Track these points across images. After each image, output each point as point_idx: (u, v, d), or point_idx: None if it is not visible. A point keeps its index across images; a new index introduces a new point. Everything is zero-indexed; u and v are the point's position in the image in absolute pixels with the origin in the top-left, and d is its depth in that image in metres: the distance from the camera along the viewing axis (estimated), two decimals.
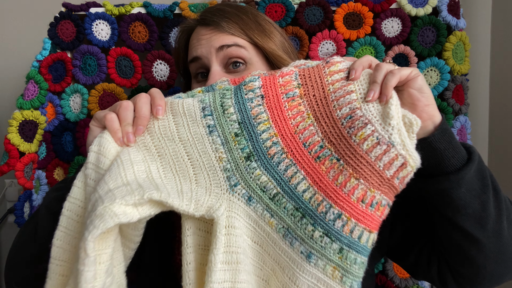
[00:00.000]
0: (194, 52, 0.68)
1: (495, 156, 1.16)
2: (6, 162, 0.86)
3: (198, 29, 0.70)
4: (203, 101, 0.51)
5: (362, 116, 0.48)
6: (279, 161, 0.49)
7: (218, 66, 0.66)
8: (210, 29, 0.68)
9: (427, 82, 0.99)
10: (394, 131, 0.46)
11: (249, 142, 0.49)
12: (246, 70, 0.66)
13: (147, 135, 0.51)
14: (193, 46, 0.69)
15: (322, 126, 0.49)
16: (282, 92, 0.50)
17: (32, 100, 0.92)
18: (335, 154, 0.48)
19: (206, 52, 0.66)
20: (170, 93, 1.01)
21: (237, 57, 0.66)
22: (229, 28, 0.67)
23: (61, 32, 0.99)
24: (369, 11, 0.98)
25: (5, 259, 1.20)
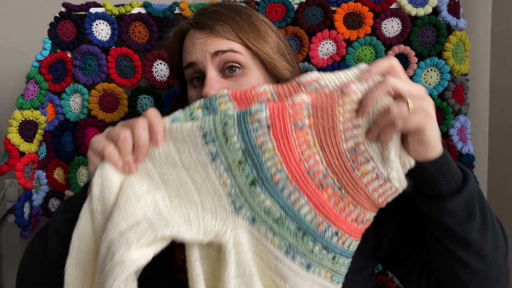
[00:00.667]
0: (189, 58, 0.67)
1: (495, 156, 1.16)
2: (6, 162, 0.86)
3: (192, 33, 0.69)
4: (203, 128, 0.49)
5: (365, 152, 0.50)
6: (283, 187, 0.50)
7: (214, 71, 0.65)
8: (205, 33, 0.66)
9: (427, 83, 1.00)
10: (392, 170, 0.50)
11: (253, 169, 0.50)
12: (242, 74, 0.66)
13: (149, 161, 0.51)
14: (188, 51, 0.68)
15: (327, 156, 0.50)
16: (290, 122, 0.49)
17: (32, 100, 0.92)
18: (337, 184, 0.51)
19: (201, 57, 0.65)
20: (170, 93, 1.01)
21: (233, 62, 0.65)
22: (224, 32, 0.65)
23: (61, 32, 0.99)
24: (369, 11, 0.98)
25: (5, 259, 1.21)
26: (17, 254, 1.22)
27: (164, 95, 1.02)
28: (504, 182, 1.13)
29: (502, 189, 1.13)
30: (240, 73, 0.65)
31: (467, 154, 0.99)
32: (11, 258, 1.22)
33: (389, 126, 0.47)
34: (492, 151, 1.17)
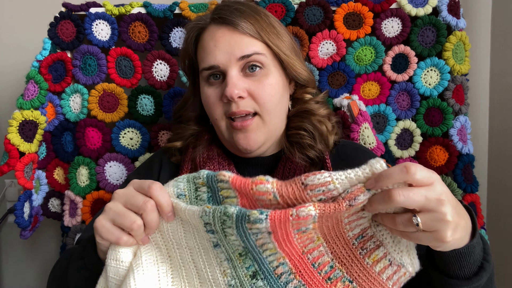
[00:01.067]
0: (211, 59, 0.66)
1: (495, 156, 1.16)
2: (6, 162, 0.86)
3: (213, 29, 0.68)
4: (203, 218, 0.47)
5: (373, 237, 0.47)
6: (287, 281, 0.48)
7: (236, 71, 0.65)
8: (228, 30, 0.66)
9: (427, 82, 0.99)
10: (403, 253, 0.47)
11: (255, 262, 0.48)
12: (263, 74, 0.66)
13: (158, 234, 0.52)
14: (210, 51, 0.66)
15: (332, 247, 0.48)
16: (293, 229, 0.45)
17: (32, 100, 0.92)
18: (347, 276, 0.48)
19: (225, 60, 0.65)
20: (170, 93, 1.01)
21: (255, 62, 0.66)
22: (248, 29, 0.65)
23: (61, 32, 0.99)
24: (369, 11, 0.98)
25: (5, 259, 1.21)
26: (17, 254, 1.22)
27: (164, 95, 1.02)
28: (504, 182, 1.13)
29: (502, 189, 1.13)
30: (261, 72, 0.66)
31: (467, 154, 0.99)
32: (11, 258, 1.22)
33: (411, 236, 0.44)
34: (492, 151, 1.17)
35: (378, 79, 1.01)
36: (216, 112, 0.67)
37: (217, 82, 0.67)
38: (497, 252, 1.13)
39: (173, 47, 1.01)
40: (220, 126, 0.68)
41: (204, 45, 0.68)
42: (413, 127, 1.01)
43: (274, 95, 0.67)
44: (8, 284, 1.23)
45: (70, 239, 0.99)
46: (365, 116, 0.95)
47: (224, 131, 0.68)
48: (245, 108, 0.65)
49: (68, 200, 1.01)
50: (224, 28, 0.66)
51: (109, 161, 1.00)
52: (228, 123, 0.67)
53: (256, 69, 0.66)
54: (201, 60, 0.68)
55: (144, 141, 1.02)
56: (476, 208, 1.00)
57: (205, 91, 0.68)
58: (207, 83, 0.68)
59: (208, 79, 0.68)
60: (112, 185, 1.00)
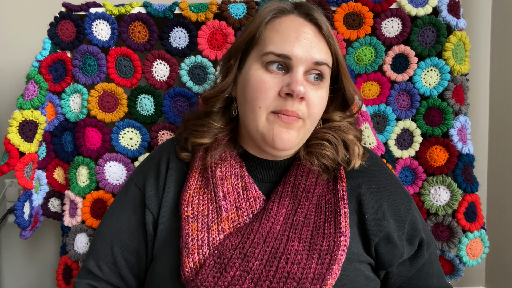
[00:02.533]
0: (288, 49, 0.62)
1: (495, 156, 1.16)
2: (6, 162, 0.86)
3: (297, 19, 0.65)
4: None
5: None
6: None
7: (302, 72, 0.63)
8: (311, 29, 0.65)
9: (427, 83, 1.00)
10: None
11: None
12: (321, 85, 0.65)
13: None
14: (289, 40, 0.63)
15: None
16: None
17: (32, 100, 0.92)
18: None
19: (302, 57, 0.62)
20: (170, 93, 1.01)
21: (321, 72, 0.65)
22: (328, 36, 0.65)
23: (61, 32, 0.99)
24: (369, 11, 0.98)
25: (5, 259, 1.21)
26: (17, 254, 1.22)
27: (164, 95, 1.02)
28: (504, 182, 1.13)
29: (502, 189, 1.13)
30: (320, 84, 0.65)
31: (467, 154, 0.99)
32: (11, 258, 1.22)
33: None
34: (492, 151, 1.17)
35: (378, 79, 1.01)
36: (266, 101, 0.63)
37: (278, 72, 0.63)
38: (497, 252, 1.13)
39: (173, 47, 1.01)
40: (259, 115, 0.63)
41: (282, 30, 0.64)
42: (413, 127, 1.01)
43: (321, 108, 0.66)
44: (8, 284, 1.23)
45: (70, 239, 0.99)
46: (365, 116, 0.95)
47: (262, 122, 0.63)
48: (298, 112, 0.63)
49: (68, 200, 1.01)
50: (310, 25, 0.65)
51: (108, 161, 1.00)
52: (270, 115, 0.63)
53: (317, 79, 0.65)
54: (271, 42, 0.64)
55: (143, 141, 1.02)
56: (476, 208, 1.00)
57: (260, 75, 0.63)
58: (264, 69, 0.64)
59: (267, 65, 0.64)
60: (112, 185, 1.00)
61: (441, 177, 0.98)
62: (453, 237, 0.98)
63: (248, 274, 0.58)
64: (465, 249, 0.98)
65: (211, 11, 0.99)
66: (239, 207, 0.66)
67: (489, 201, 1.17)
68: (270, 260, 0.60)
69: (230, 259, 0.60)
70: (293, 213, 0.65)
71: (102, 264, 0.72)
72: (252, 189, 0.68)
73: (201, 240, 0.63)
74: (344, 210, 0.65)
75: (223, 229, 0.64)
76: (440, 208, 0.98)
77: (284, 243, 0.62)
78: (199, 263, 0.61)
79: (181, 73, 1.01)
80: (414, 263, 0.71)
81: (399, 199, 0.70)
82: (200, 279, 0.59)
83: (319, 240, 0.62)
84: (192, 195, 0.67)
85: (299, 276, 0.59)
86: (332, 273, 0.59)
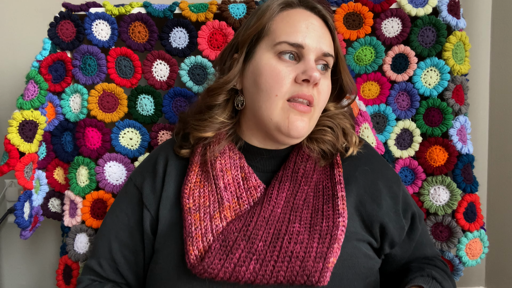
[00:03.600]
0: (300, 38, 0.66)
1: (495, 156, 1.16)
2: (6, 162, 0.86)
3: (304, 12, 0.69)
4: None
5: None
6: None
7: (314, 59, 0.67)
8: (318, 21, 0.69)
9: (427, 83, 1.00)
10: None
11: None
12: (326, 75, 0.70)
13: None
14: (300, 31, 0.66)
15: None
16: None
17: (32, 100, 0.92)
18: None
19: (313, 47, 0.66)
20: (170, 93, 1.01)
21: (327, 63, 0.70)
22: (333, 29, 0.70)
23: (61, 32, 0.99)
24: (369, 11, 0.98)
25: (5, 259, 1.21)
26: (17, 254, 1.22)
27: (164, 95, 1.02)
28: (504, 182, 1.13)
29: (502, 189, 1.13)
30: (325, 74, 0.70)
31: (466, 154, 0.99)
32: (11, 258, 1.22)
33: None
34: (492, 151, 1.17)
35: (378, 79, 1.01)
36: (282, 88, 0.65)
37: (290, 62, 0.66)
38: (497, 252, 1.13)
39: (173, 47, 1.01)
40: (275, 104, 0.66)
41: (292, 21, 0.68)
42: (412, 127, 1.01)
43: (328, 97, 0.71)
44: (8, 284, 1.23)
45: (70, 239, 0.99)
46: (365, 116, 0.95)
47: (278, 110, 0.66)
48: (313, 97, 0.66)
49: (68, 200, 1.01)
50: (317, 17, 0.70)
51: (108, 161, 1.00)
52: (285, 104, 0.66)
53: (324, 69, 0.70)
54: (284, 33, 0.67)
55: (143, 141, 1.02)
56: (476, 208, 1.00)
57: (274, 64, 0.66)
58: (278, 58, 0.66)
59: (281, 55, 0.66)
60: (112, 185, 1.00)
61: (441, 177, 0.98)
62: (453, 237, 0.98)
63: (253, 255, 0.60)
64: (464, 249, 0.98)
65: (211, 11, 0.99)
66: (240, 197, 0.68)
67: (489, 201, 1.17)
68: (274, 241, 0.62)
69: (235, 241, 0.62)
70: (293, 196, 0.67)
71: (103, 261, 0.74)
72: (252, 179, 0.70)
73: (204, 229, 0.64)
74: (341, 193, 0.68)
75: (226, 216, 0.66)
76: (439, 208, 0.98)
77: (286, 225, 0.64)
78: (203, 249, 0.62)
79: (181, 73, 1.01)
80: (412, 237, 0.75)
81: (391, 178, 0.75)
82: (206, 262, 0.60)
83: (319, 221, 0.65)
84: (192, 188, 0.69)
85: (302, 255, 0.61)
86: (333, 252, 0.62)
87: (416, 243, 0.76)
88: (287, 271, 0.60)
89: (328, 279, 0.60)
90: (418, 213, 0.77)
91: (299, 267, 0.60)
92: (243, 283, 0.60)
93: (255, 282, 0.60)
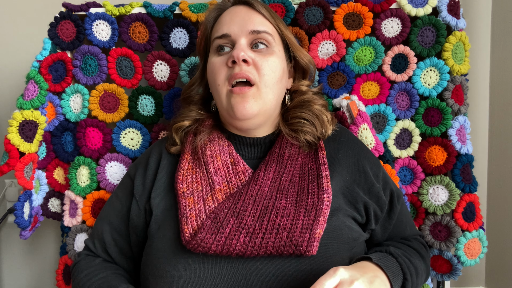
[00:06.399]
0: (225, 29, 0.74)
1: (495, 156, 1.16)
2: (6, 162, 0.86)
3: (232, 8, 0.77)
4: None
5: None
6: None
7: (245, 42, 0.73)
8: (245, 7, 0.76)
9: (427, 83, 1.00)
10: None
11: None
12: (267, 52, 0.74)
13: None
14: (225, 23, 0.74)
15: None
16: None
17: (32, 100, 0.92)
18: None
19: (238, 31, 0.72)
20: (171, 93, 1.01)
21: (263, 40, 0.74)
22: (263, 11, 0.75)
23: (61, 32, 0.99)
24: (369, 11, 0.98)
25: (5, 259, 1.21)
26: (17, 254, 1.22)
27: (165, 96, 1.02)
28: (504, 182, 1.13)
29: (502, 189, 1.14)
30: (266, 50, 0.74)
31: (465, 154, 0.99)
32: (11, 258, 1.22)
33: None
34: (492, 151, 1.17)
35: (377, 79, 1.01)
36: (220, 77, 0.73)
37: (226, 52, 0.74)
38: (496, 252, 1.13)
39: (173, 47, 1.01)
40: (221, 92, 0.74)
41: (221, 20, 0.77)
42: (412, 127, 1.01)
43: (274, 71, 0.74)
44: (8, 284, 1.23)
45: (70, 239, 1.00)
46: (364, 117, 0.95)
47: (224, 98, 0.74)
48: (247, 73, 0.71)
49: (68, 200, 1.02)
50: (242, 7, 0.76)
51: (109, 161, 1.00)
52: (228, 90, 0.73)
53: (262, 46, 0.74)
54: (215, 31, 0.76)
55: (144, 142, 1.02)
56: (475, 208, 1.00)
57: (213, 60, 0.75)
58: (216, 54, 0.75)
59: (218, 50, 0.75)
60: (113, 185, 1.00)
61: (440, 177, 0.99)
62: (451, 236, 0.98)
63: (242, 229, 0.65)
64: (463, 249, 0.98)
65: None
66: (229, 181, 0.73)
67: (489, 201, 1.17)
68: (261, 216, 0.66)
69: (225, 217, 0.66)
70: (279, 177, 0.72)
71: (96, 241, 0.81)
72: (240, 164, 0.75)
73: (198, 209, 0.69)
74: (325, 173, 0.72)
75: (217, 198, 0.71)
76: (438, 207, 0.99)
77: (273, 201, 0.69)
78: (197, 227, 0.67)
79: (181, 74, 1.01)
80: (392, 215, 0.80)
81: (371, 159, 0.81)
82: (199, 237, 0.64)
83: (304, 198, 0.69)
84: (185, 175, 0.74)
85: (289, 227, 0.65)
86: (319, 224, 0.65)
87: (396, 222, 0.80)
88: (275, 242, 0.64)
89: (316, 249, 0.64)
90: (397, 192, 0.81)
91: (287, 237, 0.64)
92: (235, 255, 0.64)
93: (246, 254, 0.64)
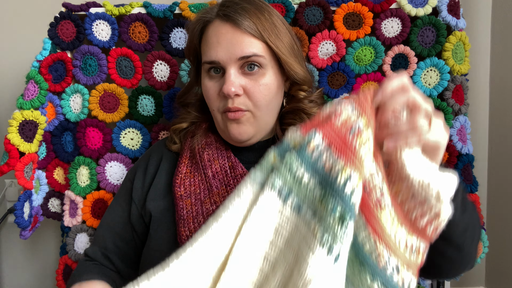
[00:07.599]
0: (213, 55, 0.70)
1: (495, 156, 1.16)
2: (6, 162, 0.86)
3: (218, 24, 0.71)
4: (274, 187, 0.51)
5: None
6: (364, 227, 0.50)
7: (235, 69, 0.69)
8: (231, 27, 0.69)
9: (427, 83, 1.00)
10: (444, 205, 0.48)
11: (334, 199, 0.47)
12: (260, 73, 0.70)
13: None
14: (212, 47, 0.70)
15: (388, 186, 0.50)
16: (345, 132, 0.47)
17: (32, 100, 0.92)
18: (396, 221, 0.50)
19: (226, 58, 0.69)
20: (171, 93, 1.01)
21: (254, 62, 0.70)
22: (250, 29, 0.69)
23: (61, 32, 0.99)
24: (369, 11, 0.98)
25: (5, 259, 1.21)
26: (17, 254, 1.22)
27: (165, 96, 1.02)
28: (504, 182, 1.13)
29: (502, 189, 1.13)
30: (258, 72, 0.70)
31: (466, 154, 0.99)
32: (11, 258, 1.22)
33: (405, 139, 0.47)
34: (492, 151, 1.17)
35: (378, 79, 1.01)
36: (214, 105, 0.73)
37: (217, 76, 0.72)
38: (497, 252, 1.13)
39: (173, 47, 1.01)
40: (217, 117, 0.74)
41: (207, 39, 0.72)
42: None
43: (267, 94, 0.72)
44: (8, 284, 1.23)
45: (70, 239, 0.99)
46: None
47: (220, 122, 0.74)
48: (239, 106, 0.70)
49: (68, 200, 1.01)
50: (228, 26, 0.70)
51: (109, 161, 1.00)
52: (223, 115, 0.72)
53: (254, 69, 0.70)
54: (204, 53, 0.73)
55: (144, 142, 1.02)
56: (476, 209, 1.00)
57: (206, 83, 0.73)
58: (208, 75, 0.73)
59: (209, 72, 0.72)
60: (113, 185, 1.00)
61: None
62: None
63: None
64: None
65: None
66: (227, 184, 0.72)
67: (489, 201, 1.17)
68: None
69: None
70: None
71: (97, 248, 0.79)
72: (238, 168, 0.74)
73: (195, 212, 0.69)
74: None
75: (215, 201, 0.70)
76: None
77: None
78: (194, 230, 0.66)
79: (181, 74, 1.01)
80: None
81: None
82: None
83: None
84: (183, 178, 0.73)
85: None
86: None
87: None
88: None
89: None
90: None
91: None
92: None
93: None
